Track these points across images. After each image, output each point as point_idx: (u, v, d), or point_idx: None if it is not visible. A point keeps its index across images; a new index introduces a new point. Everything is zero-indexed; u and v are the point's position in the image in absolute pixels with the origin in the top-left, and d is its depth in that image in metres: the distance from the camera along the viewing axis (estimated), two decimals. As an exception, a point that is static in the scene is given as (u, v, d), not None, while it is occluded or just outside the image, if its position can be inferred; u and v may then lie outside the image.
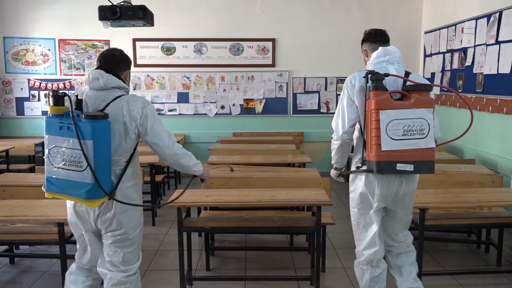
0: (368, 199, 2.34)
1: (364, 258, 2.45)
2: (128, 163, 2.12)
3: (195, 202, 2.95)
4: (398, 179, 2.27)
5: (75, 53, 6.30)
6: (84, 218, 2.13)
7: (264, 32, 6.34)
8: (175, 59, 6.34)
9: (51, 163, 1.97)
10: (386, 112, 2.12)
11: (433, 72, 5.82)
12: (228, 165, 3.82)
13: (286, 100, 6.47)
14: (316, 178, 3.54)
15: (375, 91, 2.15)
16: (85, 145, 1.88)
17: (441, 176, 3.62)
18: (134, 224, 2.18)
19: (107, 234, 2.15)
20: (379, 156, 2.14)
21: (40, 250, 3.75)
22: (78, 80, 6.36)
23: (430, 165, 2.17)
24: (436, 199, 2.97)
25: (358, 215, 2.42)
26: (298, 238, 3.99)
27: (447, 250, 3.81)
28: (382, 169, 2.15)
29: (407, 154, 2.14)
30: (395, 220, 2.42)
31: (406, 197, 2.33)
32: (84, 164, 1.89)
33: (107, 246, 2.17)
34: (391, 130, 2.12)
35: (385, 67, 2.29)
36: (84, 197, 1.93)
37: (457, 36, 5.12)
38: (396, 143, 2.13)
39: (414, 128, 2.14)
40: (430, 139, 2.16)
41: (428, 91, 2.21)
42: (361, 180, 2.35)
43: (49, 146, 1.97)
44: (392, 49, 2.35)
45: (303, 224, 3.04)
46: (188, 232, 3.07)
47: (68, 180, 1.94)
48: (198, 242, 3.94)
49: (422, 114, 2.14)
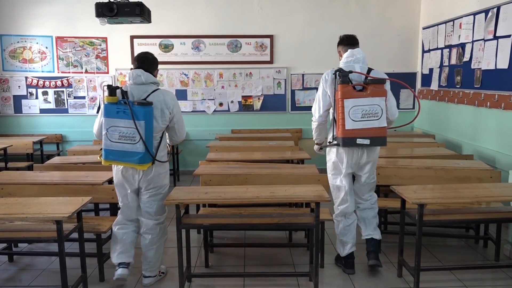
0: (339, 166, 3.12)
1: (339, 212, 3.21)
2: (161, 138, 2.91)
3: (193, 199, 2.95)
4: (360, 151, 3.04)
5: (73, 50, 6.28)
6: (130, 180, 2.91)
7: (262, 29, 6.32)
8: (173, 56, 6.33)
9: (109, 139, 2.71)
10: (349, 100, 2.86)
11: (431, 68, 5.82)
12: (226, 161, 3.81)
13: (285, 96, 6.46)
14: (314, 175, 3.54)
15: (341, 85, 2.89)
16: (139, 124, 2.67)
17: (439, 171, 3.63)
18: (165, 183, 3.01)
19: (145, 191, 2.93)
20: (344, 133, 2.90)
21: (39, 248, 3.74)
22: (75, 77, 6.34)
23: (383, 139, 2.94)
24: (434, 194, 2.97)
25: (332, 179, 3.20)
26: (297, 234, 4.00)
27: (445, 245, 3.82)
28: (346, 143, 2.93)
29: (364, 132, 2.89)
30: (361, 183, 3.17)
31: (367, 165, 3.10)
32: (137, 138, 2.68)
33: (145, 200, 2.96)
34: (353, 113, 2.87)
35: (352, 65, 2.98)
36: (138, 162, 2.73)
37: (455, 32, 5.12)
38: (356, 123, 2.88)
39: (370, 112, 2.88)
40: (383, 120, 2.90)
41: (382, 84, 2.93)
42: (333, 152, 3.12)
43: (107, 126, 2.71)
44: (357, 52, 3.04)
45: (302, 221, 3.05)
46: (187, 229, 3.07)
47: (123, 151, 2.71)
48: (197, 239, 3.94)
49: (376, 102, 2.88)
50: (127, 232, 3.04)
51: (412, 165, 3.81)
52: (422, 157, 4.23)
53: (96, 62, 6.33)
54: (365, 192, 3.21)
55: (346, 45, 3.15)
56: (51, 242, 2.74)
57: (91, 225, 3.15)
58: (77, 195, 3.13)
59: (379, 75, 2.99)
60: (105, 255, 3.26)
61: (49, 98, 6.36)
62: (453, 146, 5.15)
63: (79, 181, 3.42)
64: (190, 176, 5.33)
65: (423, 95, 6.17)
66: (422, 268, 2.94)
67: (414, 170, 3.69)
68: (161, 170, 2.95)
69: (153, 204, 2.97)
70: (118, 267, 3.00)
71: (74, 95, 6.37)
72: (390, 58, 6.34)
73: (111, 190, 3.34)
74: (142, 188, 2.93)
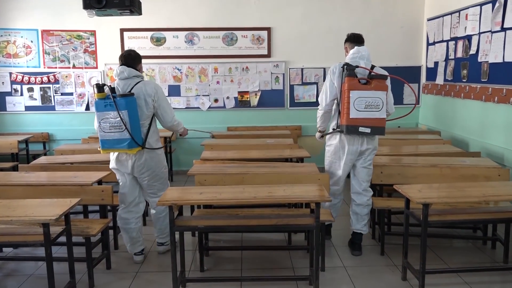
0: (339, 152, 3.57)
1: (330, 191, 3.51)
2: (150, 125, 3.39)
3: (187, 200, 2.95)
4: (361, 139, 3.49)
5: (60, 44, 6.26)
6: (124, 164, 3.39)
7: (259, 21, 6.31)
8: (165, 50, 6.31)
9: (102, 130, 3.22)
10: (354, 92, 3.32)
11: (436, 61, 5.83)
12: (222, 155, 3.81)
13: (283, 92, 6.46)
14: (314, 174, 3.54)
15: (348, 77, 3.34)
16: (122, 114, 3.15)
17: (445, 169, 3.64)
18: (160, 165, 3.47)
19: (142, 177, 3.42)
20: (348, 121, 3.35)
21: (25, 253, 3.74)
22: (63, 73, 6.31)
23: (382, 129, 3.41)
24: (440, 193, 2.98)
25: (330, 164, 3.67)
26: (296, 236, 4.00)
27: (451, 247, 3.84)
28: (350, 130, 3.39)
29: (366, 121, 3.35)
30: (359, 169, 3.58)
31: (366, 151, 3.54)
32: (123, 127, 3.16)
33: (145, 185, 3.47)
34: (357, 104, 3.32)
35: (358, 61, 3.42)
36: (127, 147, 3.23)
37: (461, 23, 5.12)
38: (359, 113, 3.33)
39: (372, 104, 3.34)
40: (383, 112, 3.38)
41: (384, 79, 3.39)
42: (336, 138, 3.58)
43: (99, 119, 3.22)
44: (363, 49, 3.48)
45: (301, 222, 3.05)
46: (181, 231, 3.07)
47: (114, 139, 3.22)
48: (191, 242, 3.94)
49: (378, 95, 3.34)
50: (130, 228, 3.48)
51: (417, 163, 3.81)
52: (427, 154, 4.24)
53: (84, 56, 6.31)
54: (364, 178, 3.59)
55: (353, 42, 3.58)
56: (38, 246, 2.73)
57: (80, 228, 3.14)
58: (65, 196, 3.12)
59: (381, 72, 3.46)
60: (95, 260, 3.25)
61: (34, 94, 6.34)
62: (460, 143, 5.17)
63: (66, 182, 3.40)
64: (184, 176, 5.33)
65: (428, 90, 6.19)
66: (427, 270, 2.95)
67: (418, 168, 3.70)
68: (153, 155, 3.41)
69: (154, 186, 3.50)
70: (135, 255, 3.57)
71: (61, 92, 6.35)
72: (393, 51, 6.35)
73: (101, 191, 3.34)
74: (137, 174, 3.41)
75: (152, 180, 3.45)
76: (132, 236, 3.50)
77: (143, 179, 3.44)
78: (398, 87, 6.42)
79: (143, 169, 3.38)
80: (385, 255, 3.59)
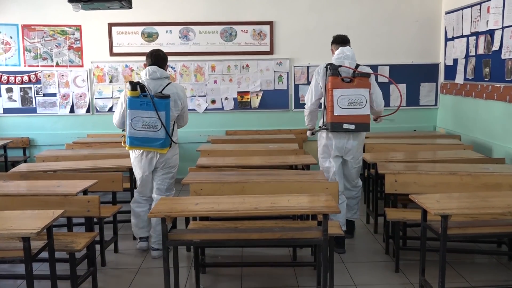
0: (328, 149, 4.07)
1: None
2: (174, 125, 3.95)
3: (182, 211, 2.95)
4: (347, 135, 3.97)
5: (42, 40, 6.29)
6: (151, 162, 3.89)
7: (260, 14, 6.35)
8: (157, 46, 6.23)
9: (133, 128, 3.66)
10: (337, 90, 3.81)
11: (455, 58, 5.84)
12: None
13: (287, 92, 6.48)
14: (322, 182, 3.55)
15: (331, 77, 3.85)
16: (161, 114, 3.63)
17: (465, 177, 3.64)
18: (176, 163, 4.10)
19: (161, 170, 3.95)
20: (332, 119, 3.84)
21: (3, 270, 3.73)
22: (45, 72, 6.34)
23: (366, 126, 3.89)
24: (460, 204, 2.98)
25: (322, 161, 4.15)
26: (302, 251, 4.00)
27: (473, 263, 3.83)
28: (334, 127, 3.87)
29: (350, 118, 3.82)
30: (349, 167, 4.11)
31: (353, 148, 4.02)
32: (159, 126, 3.66)
33: (159, 178, 3.98)
34: (340, 102, 3.80)
35: (342, 61, 3.93)
36: (159, 146, 3.74)
37: (483, 17, 5.14)
38: (343, 110, 3.80)
39: (355, 101, 3.81)
40: (366, 109, 3.85)
41: (367, 77, 3.88)
42: (323, 137, 4.08)
43: (131, 117, 3.64)
44: (347, 49, 3.98)
45: (308, 236, 3.05)
46: (175, 246, 3.07)
47: (147, 137, 3.68)
48: (186, 257, 3.94)
49: (361, 92, 3.83)
50: (144, 210, 4.01)
51: (435, 171, 3.81)
52: (446, 161, 4.24)
53: (68, 54, 6.34)
54: (354, 177, 4.19)
55: (338, 43, 4.11)
56: (17, 262, 2.73)
57: (64, 243, 3.14)
58: (47, 208, 3.11)
59: (365, 70, 3.94)
60: (80, 278, 3.25)
61: (14, 96, 6.37)
62: (482, 148, 5.16)
63: (49, 192, 3.40)
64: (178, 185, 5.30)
65: (446, 90, 6.20)
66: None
67: (436, 176, 3.70)
68: (175, 152, 4.03)
69: (165, 182, 4.01)
70: (139, 240, 4.08)
71: (43, 92, 6.38)
72: (408, 47, 6.37)
73: (87, 202, 3.34)
74: (159, 167, 3.93)
75: (166, 175, 3.99)
76: (142, 219, 4.00)
77: (160, 172, 3.96)
78: (414, 87, 6.45)
79: (165, 165, 3.93)
80: (400, 272, 3.58)
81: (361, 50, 6.27)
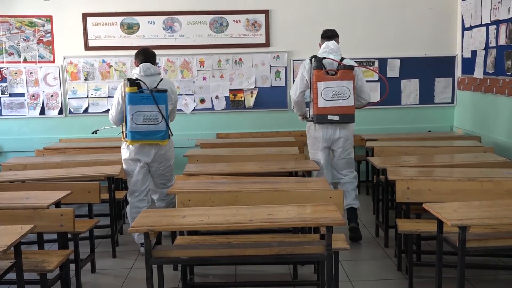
0: (317, 142, 4.65)
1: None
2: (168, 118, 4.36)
3: (167, 225, 2.95)
4: (334, 127, 4.54)
5: (7, 33, 6.28)
6: (147, 154, 4.31)
7: (254, 2, 6.37)
8: (138, 39, 6.35)
9: (134, 122, 4.11)
10: (321, 83, 4.36)
11: (474, 50, 5.88)
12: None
13: (285, 89, 6.50)
14: (324, 190, 3.56)
15: (315, 70, 4.40)
16: (161, 108, 4.15)
17: (486, 184, 3.66)
18: (173, 155, 4.58)
19: (158, 166, 4.41)
20: (317, 110, 4.40)
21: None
22: (11, 69, 6.33)
23: (350, 116, 4.46)
24: (481, 213, 3.00)
25: (312, 154, 4.76)
26: (303, 269, 4.01)
27: (496, 280, 3.85)
28: (319, 119, 4.44)
29: (334, 109, 4.38)
30: (336, 157, 4.69)
31: (340, 140, 4.59)
32: (160, 119, 4.16)
33: (158, 175, 4.48)
34: (324, 94, 4.35)
35: (327, 55, 4.50)
36: (160, 138, 4.22)
37: (504, 3, 5.18)
38: (327, 102, 4.36)
39: (339, 93, 4.35)
40: (351, 100, 4.38)
41: (351, 70, 4.43)
42: (312, 129, 4.69)
43: (132, 112, 4.10)
44: (332, 43, 4.58)
45: (309, 251, 3.05)
46: (160, 264, 3.07)
47: (148, 131, 4.16)
48: (173, 277, 3.93)
49: (345, 84, 4.37)
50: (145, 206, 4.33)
51: (452, 176, 3.84)
52: (464, 165, 4.26)
53: (38, 48, 6.34)
54: (343, 167, 4.69)
55: (324, 38, 4.70)
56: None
57: (34, 262, 3.14)
58: (15, 223, 3.11)
59: (349, 63, 4.52)
60: (53, 301, 3.25)
61: (-24, 96, 6.36)
62: (504, 150, 5.19)
63: (17, 205, 3.40)
64: (163, 196, 5.33)
65: (464, 86, 6.24)
66: (466, 309, 2.96)
67: (454, 183, 3.72)
68: (171, 144, 4.51)
69: (165, 176, 4.52)
70: (141, 246, 4.17)
71: (10, 92, 6.37)
72: (421, 38, 6.41)
73: (60, 216, 3.33)
74: (156, 163, 4.37)
75: (165, 169, 4.47)
76: None
77: (159, 168, 4.42)
78: (428, 83, 6.48)
79: (163, 158, 4.39)
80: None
81: (368, 41, 6.37)
